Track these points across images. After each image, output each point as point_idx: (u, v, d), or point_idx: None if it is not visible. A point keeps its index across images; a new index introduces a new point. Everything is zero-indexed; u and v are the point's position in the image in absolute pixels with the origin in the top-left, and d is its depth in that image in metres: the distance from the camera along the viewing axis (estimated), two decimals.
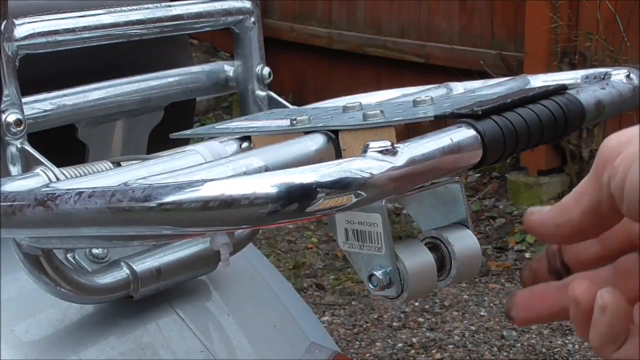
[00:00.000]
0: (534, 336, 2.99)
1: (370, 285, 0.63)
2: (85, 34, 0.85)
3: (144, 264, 0.91)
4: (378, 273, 0.62)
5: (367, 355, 3.01)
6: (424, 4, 4.66)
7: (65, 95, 0.90)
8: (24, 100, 0.81)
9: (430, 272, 0.63)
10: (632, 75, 0.71)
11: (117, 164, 0.79)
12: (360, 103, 0.71)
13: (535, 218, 0.58)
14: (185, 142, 0.93)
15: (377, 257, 0.62)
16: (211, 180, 0.51)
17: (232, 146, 0.77)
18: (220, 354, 0.97)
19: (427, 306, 3.24)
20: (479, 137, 0.58)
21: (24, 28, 0.81)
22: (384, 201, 0.60)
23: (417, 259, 0.62)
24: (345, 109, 0.71)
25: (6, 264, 0.89)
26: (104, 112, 0.94)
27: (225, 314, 1.01)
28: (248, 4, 0.98)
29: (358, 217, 0.63)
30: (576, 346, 2.92)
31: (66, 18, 0.84)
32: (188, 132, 0.79)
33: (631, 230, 0.58)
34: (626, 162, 0.51)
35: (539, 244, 3.58)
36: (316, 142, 0.66)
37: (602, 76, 0.73)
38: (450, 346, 3.01)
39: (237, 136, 0.78)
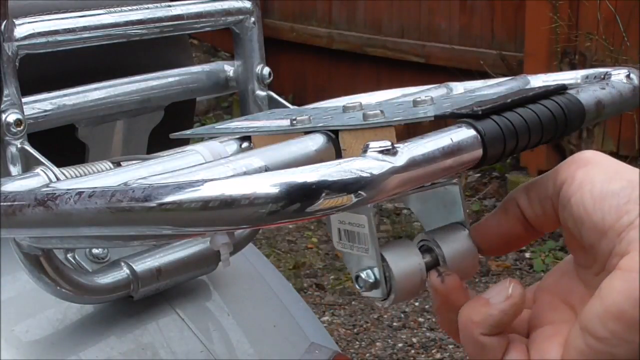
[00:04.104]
0: None
1: (357, 286, 0.63)
2: (85, 34, 0.85)
3: (144, 264, 0.91)
4: (363, 274, 0.62)
5: (367, 355, 3.01)
6: (424, 4, 4.66)
7: (65, 95, 0.90)
8: (24, 100, 0.81)
9: (417, 275, 0.62)
10: (632, 75, 0.71)
11: (117, 164, 0.79)
12: (360, 103, 0.71)
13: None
14: (185, 142, 0.93)
15: (364, 258, 0.62)
16: (211, 180, 0.51)
17: (232, 146, 0.77)
18: (220, 354, 0.97)
19: (427, 306, 3.24)
20: (479, 137, 0.58)
21: (24, 28, 0.81)
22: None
23: (404, 261, 0.62)
24: (345, 109, 0.71)
25: (6, 264, 0.89)
26: (104, 112, 0.94)
27: (225, 314, 1.01)
28: (248, 4, 0.98)
29: (348, 217, 0.63)
30: None
31: (66, 18, 0.84)
32: (188, 132, 0.79)
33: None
34: (583, 180, 0.56)
35: (539, 244, 3.58)
36: (316, 142, 0.66)
37: (602, 76, 0.73)
38: (451, 346, 3.01)
39: (237, 136, 0.78)
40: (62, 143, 0.92)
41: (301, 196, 0.49)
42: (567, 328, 0.56)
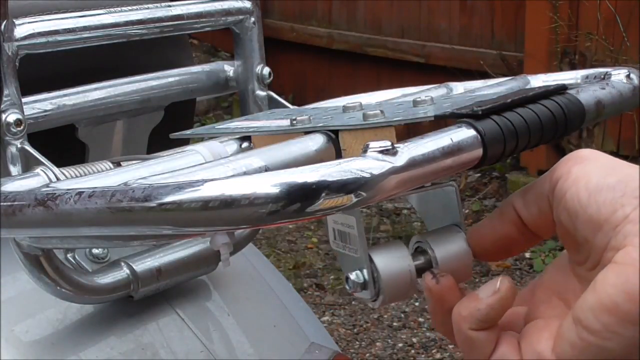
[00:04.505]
0: None
1: (347, 287, 0.63)
2: (85, 34, 0.85)
3: (144, 264, 0.91)
4: (352, 275, 0.62)
5: (367, 355, 3.01)
6: (424, 4, 4.66)
7: (65, 95, 0.90)
8: (24, 100, 0.81)
9: (406, 276, 0.62)
10: (632, 75, 0.71)
11: (117, 164, 0.79)
12: (360, 103, 0.71)
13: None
14: (185, 142, 0.93)
15: (354, 259, 0.63)
16: (211, 180, 0.51)
17: (232, 146, 0.77)
18: (220, 354, 0.97)
19: (427, 306, 3.24)
20: (479, 137, 0.58)
21: (24, 28, 0.81)
22: None
23: (393, 263, 0.62)
24: (345, 109, 0.71)
25: (6, 264, 0.89)
26: (104, 112, 0.94)
27: (225, 314, 1.01)
28: (248, 4, 0.98)
29: (340, 217, 0.64)
30: None
31: (66, 18, 0.84)
32: (188, 132, 0.79)
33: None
34: (579, 175, 0.56)
35: (539, 244, 3.58)
36: (316, 142, 0.66)
37: (602, 76, 0.73)
38: (451, 346, 3.01)
39: (237, 136, 0.78)
40: (62, 143, 0.92)
41: (301, 196, 0.49)
42: (558, 322, 0.56)
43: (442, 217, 0.67)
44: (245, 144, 0.77)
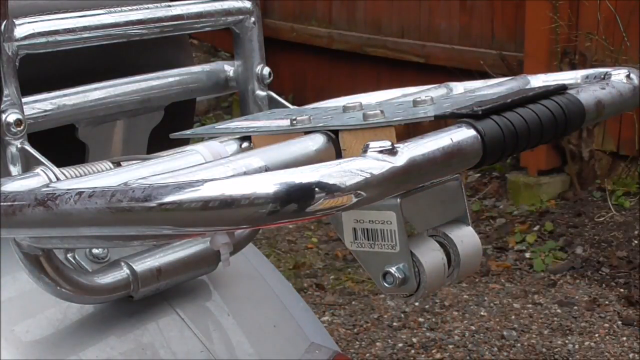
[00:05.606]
0: (534, 336, 2.99)
1: (384, 284, 0.63)
2: (85, 34, 0.85)
3: (144, 264, 0.91)
4: (393, 270, 0.62)
5: (367, 355, 3.01)
6: (424, 4, 4.66)
7: (65, 95, 0.90)
8: (24, 100, 0.81)
9: (442, 268, 0.63)
10: (632, 75, 0.71)
11: (117, 164, 0.79)
12: (360, 103, 0.71)
13: None
14: (185, 142, 0.93)
15: (390, 255, 0.63)
16: (211, 180, 0.51)
17: (232, 146, 0.77)
18: (220, 354, 0.97)
19: (427, 306, 3.24)
20: (479, 137, 0.58)
21: (24, 28, 0.81)
22: (398, 199, 0.61)
23: (430, 256, 0.63)
24: (345, 109, 0.71)
25: (6, 264, 0.89)
26: (104, 112, 0.94)
27: (225, 314, 1.01)
28: (248, 4, 0.98)
29: (369, 216, 0.64)
30: (576, 346, 2.92)
31: (66, 18, 0.84)
32: (188, 132, 0.79)
33: None
34: None
35: (539, 244, 3.58)
36: (316, 142, 0.66)
37: (602, 76, 0.73)
38: (451, 346, 3.01)
39: (237, 136, 0.78)
40: (62, 143, 0.92)
41: (301, 196, 0.49)
42: None
43: (442, 214, 0.67)
44: (245, 144, 0.77)
